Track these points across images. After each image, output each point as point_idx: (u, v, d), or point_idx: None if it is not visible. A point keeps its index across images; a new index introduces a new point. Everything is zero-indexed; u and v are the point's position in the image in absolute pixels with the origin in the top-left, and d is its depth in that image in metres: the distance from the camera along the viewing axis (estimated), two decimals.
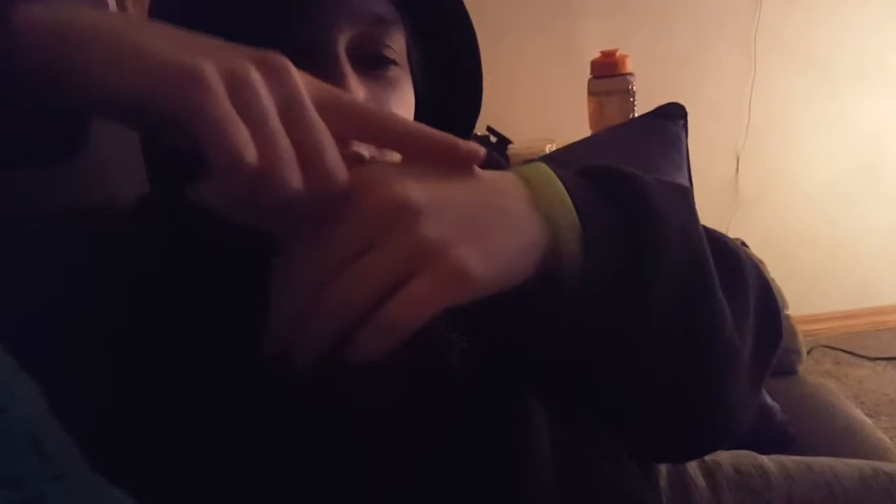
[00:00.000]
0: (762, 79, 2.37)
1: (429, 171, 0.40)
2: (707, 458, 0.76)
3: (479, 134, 1.88)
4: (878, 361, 2.47)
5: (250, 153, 0.33)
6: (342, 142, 0.38)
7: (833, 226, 2.56)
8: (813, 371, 2.29)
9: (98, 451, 0.37)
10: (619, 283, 0.43)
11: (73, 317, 0.44)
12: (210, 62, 0.33)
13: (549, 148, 1.70)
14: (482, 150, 0.42)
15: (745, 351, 0.49)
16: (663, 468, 0.74)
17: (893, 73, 2.43)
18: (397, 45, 0.51)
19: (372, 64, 0.50)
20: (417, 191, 0.38)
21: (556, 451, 0.54)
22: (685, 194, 0.51)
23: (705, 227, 0.49)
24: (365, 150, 0.45)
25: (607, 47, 1.74)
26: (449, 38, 0.56)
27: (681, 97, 1.29)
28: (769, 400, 1.11)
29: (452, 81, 0.58)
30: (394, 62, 0.51)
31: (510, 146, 1.77)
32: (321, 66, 0.46)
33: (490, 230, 0.39)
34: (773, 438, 1.04)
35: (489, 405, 0.51)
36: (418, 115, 0.54)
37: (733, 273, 0.50)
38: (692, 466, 0.75)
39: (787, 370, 1.31)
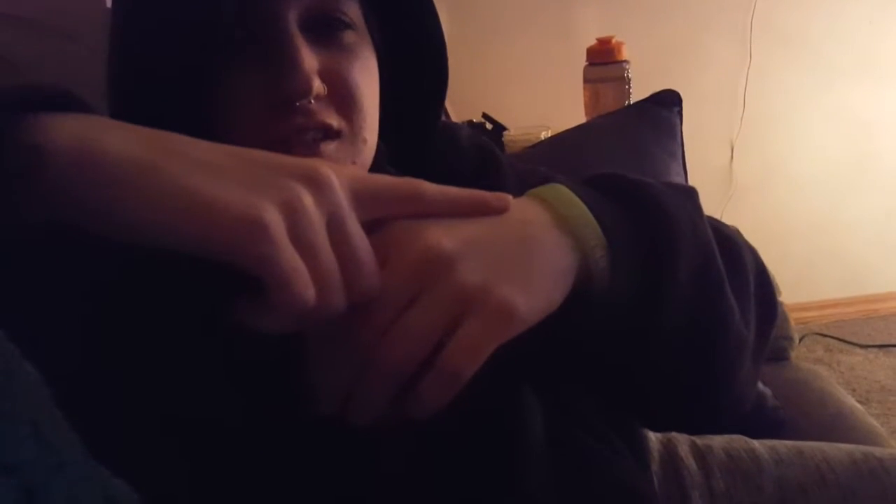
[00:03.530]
0: (757, 67, 2.37)
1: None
2: (699, 441, 0.77)
3: (474, 120, 1.87)
4: (870, 349, 2.48)
5: (310, 295, 0.33)
6: (380, 223, 0.39)
7: (826, 214, 2.57)
8: (805, 358, 2.31)
9: (99, 442, 0.37)
10: (641, 288, 0.44)
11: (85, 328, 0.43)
12: (267, 202, 0.33)
13: (545, 135, 1.70)
14: (510, 198, 0.43)
15: (749, 335, 0.50)
16: (655, 452, 0.74)
17: (887, 63, 2.44)
18: (351, 12, 0.50)
19: (326, 30, 0.49)
20: (448, 238, 0.39)
21: (550, 435, 0.54)
22: (692, 195, 0.53)
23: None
24: None
25: (603, 34, 1.74)
26: (406, 10, 0.56)
27: (676, 85, 1.30)
28: (761, 386, 1.12)
29: (415, 53, 0.58)
30: (349, 26, 0.50)
31: (506, 133, 1.77)
32: (272, 40, 0.46)
33: (525, 263, 0.40)
34: (764, 423, 1.05)
35: (486, 394, 0.52)
36: (384, 88, 0.54)
37: (735, 262, 0.51)
38: (684, 450, 0.75)
39: (780, 356, 1.32)
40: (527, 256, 0.41)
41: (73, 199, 0.33)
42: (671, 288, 0.45)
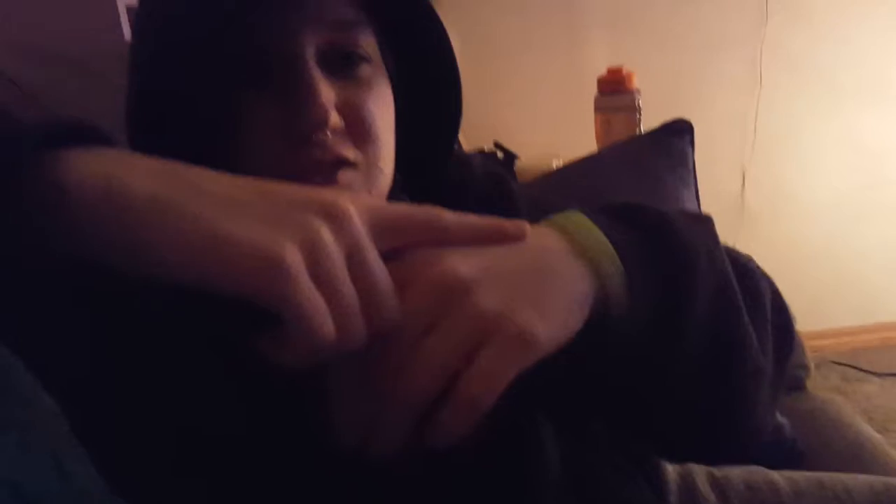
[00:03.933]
0: (768, 95, 2.37)
1: None
2: (717, 473, 0.76)
3: (485, 149, 1.88)
4: (887, 377, 2.45)
5: (330, 332, 0.33)
6: (397, 250, 0.39)
7: (840, 241, 2.55)
8: (821, 387, 2.28)
9: (116, 473, 0.37)
10: (658, 316, 0.44)
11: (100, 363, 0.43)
12: (287, 240, 0.33)
13: (556, 163, 1.70)
14: (527, 226, 0.43)
15: (767, 364, 0.50)
16: (672, 483, 0.74)
17: None
18: (367, 46, 0.51)
19: (343, 63, 0.50)
20: (465, 265, 0.39)
21: (566, 464, 0.54)
22: (708, 224, 0.53)
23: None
24: None
25: (613, 64, 1.75)
26: (421, 43, 0.56)
27: (686, 112, 1.30)
28: (778, 416, 1.11)
29: (430, 86, 0.58)
30: (365, 59, 0.51)
31: (517, 161, 1.78)
32: (290, 73, 0.47)
33: (542, 290, 0.40)
34: (783, 454, 1.04)
35: (503, 422, 0.52)
36: (399, 119, 0.55)
37: (752, 290, 0.51)
38: (702, 481, 0.74)
39: (796, 386, 1.31)
40: (544, 283, 0.41)
41: (95, 235, 0.33)
42: (688, 316, 0.45)
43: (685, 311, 0.45)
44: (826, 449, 1.11)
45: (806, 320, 1.49)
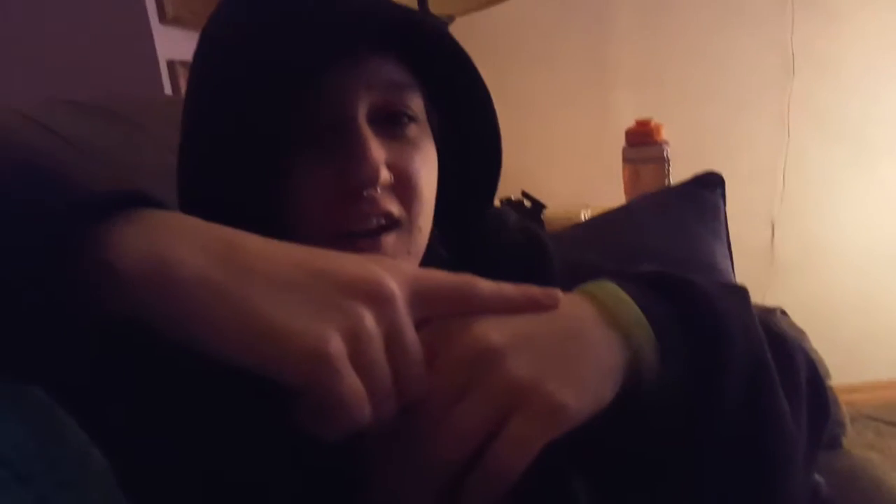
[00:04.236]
0: (796, 148, 2.37)
1: None
2: None
3: (513, 198, 1.90)
4: None
5: (367, 413, 0.34)
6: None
7: (872, 293, 2.51)
8: (855, 443, 2.20)
9: None
10: (691, 388, 0.44)
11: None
12: (332, 330, 0.33)
13: (584, 213, 1.71)
14: (560, 295, 0.43)
15: (801, 439, 0.49)
16: None
17: None
18: (416, 107, 0.53)
19: (392, 123, 0.51)
20: (497, 332, 0.39)
21: None
22: (743, 295, 0.53)
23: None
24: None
25: (641, 115, 1.76)
26: (465, 102, 0.58)
27: (715, 164, 1.30)
28: (815, 476, 1.08)
29: (473, 146, 0.60)
30: (413, 119, 0.52)
31: (545, 210, 1.79)
32: (343, 133, 0.48)
33: (574, 359, 0.40)
34: None
35: (534, 484, 0.51)
36: (441, 176, 0.56)
37: (786, 361, 0.50)
38: None
39: (832, 444, 1.28)
40: (576, 352, 0.41)
41: (144, 312, 0.34)
42: (721, 389, 0.44)
43: (719, 384, 0.44)
44: None
45: (839, 373, 1.47)
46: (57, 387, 0.36)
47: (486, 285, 0.41)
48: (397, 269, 0.38)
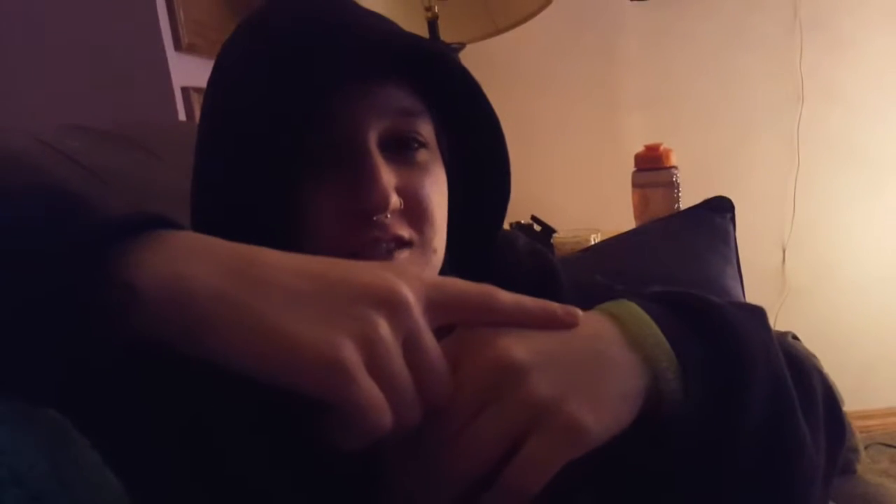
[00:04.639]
0: (806, 172, 2.37)
1: None
2: None
3: (522, 222, 1.90)
4: None
5: (387, 420, 0.34)
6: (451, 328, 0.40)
7: (884, 316, 2.49)
8: (869, 470, 2.19)
9: None
10: (713, 411, 0.43)
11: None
12: (346, 338, 0.34)
13: (594, 238, 1.71)
14: (579, 313, 0.43)
15: (820, 461, 0.49)
16: None
17: None
18: (426, 133, 0.54)
19: (402, 149, 0.52)
20: (520, 348, 0.39)
21: None
22: (761, 316, 0.53)
23: None
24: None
25: (650, 140, 1.77)
26: (475, 127, 0.58)
27: (725, 189, 1.30)
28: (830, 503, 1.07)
29: (482, 170, 0.60)
30: (423, 145, 0.53)
31: (555, 235, 1.79)
32: (354, 158, 0.49)
33: (595, 380, 0.40)
34: None
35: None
36: (451, 200, 0.56)
37: (805, 384, 0.50)
38: None
39: (846, 469, 1.26)
40: (598, 374, 0.41)
41: (163, 331, 0.34)
42: (744, 412, 0.44)
43: (740, 406, 0.44)
44: None
45: (852, 399, 1.45)
46: (72, 408, 0.36)
47: (506, 296, 0.41)
48: (413, 276, 0.38)
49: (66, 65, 1.32)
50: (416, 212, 0.52)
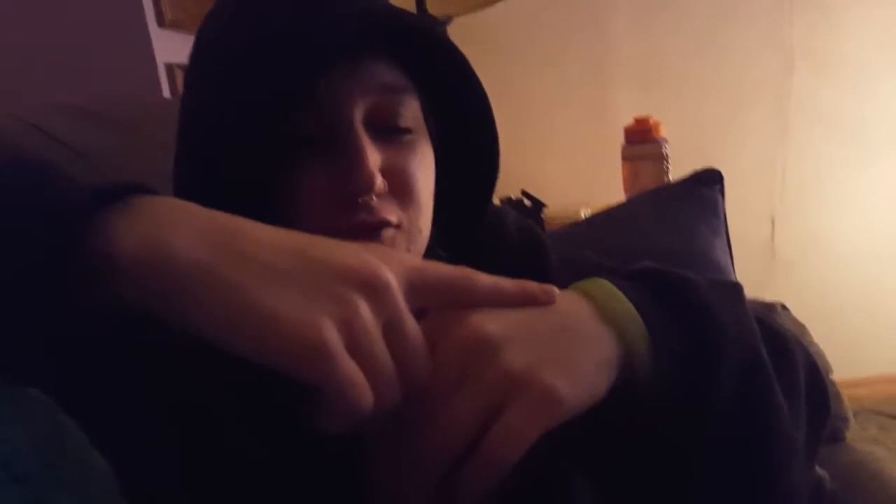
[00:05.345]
0: (796, 144, 2.37)
1: None
2: None
3: (512, 197, 1.90)
4: None
5: (368, 402, 0.34)
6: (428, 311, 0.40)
7: (874, 287, 2.52)
8: (858, 437, 2.22)
9: None
10: (684, 383, 0.44)
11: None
12: (325, 317, 0.33)
13: (584, 211, 1.71)
14: (556, 291, 0.44)
15: (800, 437, 0.49)
16: None
17: None
18: (412, 110, 0.53)
19: (388, 127, 0.51)
20: (492, 324, 0.39)
21: None
22: (737, 291, 0.53)
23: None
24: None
25: (640, 112, 1.77)
26: (462, 104, 0.58)
27: (714, 161, 1.30)
28: (818, 469, 1.08)
29: (471, 146, 0.60)
30: (408, 130, 0.52)
31: (545, 209, 1.79)
32: (340, 137, 0.48)
33: (569, 351, 0.41)
34: None
35: (533, 476, 0.51)
36: (438, 177, 0.56)
37: (784, 358, 0.51)
38: None
39: (835, 437, 1.28)
40: (570, 345, 0.41)
41: (143, 299, 0.34)
42: (715, 382, 0.45)
43: (711, 380, 0.45)
44: (867, 502, 1.08)
45: (842, 368, 1.47)
46: (56, 388, 0.36)
47: (484, 279, 0.42)
48: (395, 258, 0.38)
49: (47, 42, 1.30)
50: (402, 193, 0.51)
